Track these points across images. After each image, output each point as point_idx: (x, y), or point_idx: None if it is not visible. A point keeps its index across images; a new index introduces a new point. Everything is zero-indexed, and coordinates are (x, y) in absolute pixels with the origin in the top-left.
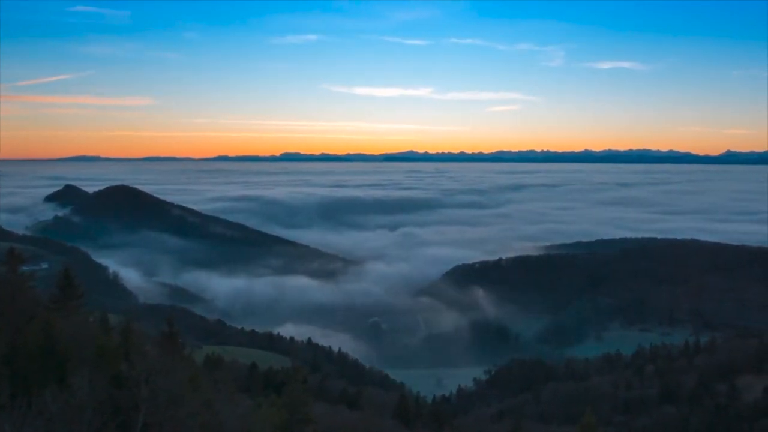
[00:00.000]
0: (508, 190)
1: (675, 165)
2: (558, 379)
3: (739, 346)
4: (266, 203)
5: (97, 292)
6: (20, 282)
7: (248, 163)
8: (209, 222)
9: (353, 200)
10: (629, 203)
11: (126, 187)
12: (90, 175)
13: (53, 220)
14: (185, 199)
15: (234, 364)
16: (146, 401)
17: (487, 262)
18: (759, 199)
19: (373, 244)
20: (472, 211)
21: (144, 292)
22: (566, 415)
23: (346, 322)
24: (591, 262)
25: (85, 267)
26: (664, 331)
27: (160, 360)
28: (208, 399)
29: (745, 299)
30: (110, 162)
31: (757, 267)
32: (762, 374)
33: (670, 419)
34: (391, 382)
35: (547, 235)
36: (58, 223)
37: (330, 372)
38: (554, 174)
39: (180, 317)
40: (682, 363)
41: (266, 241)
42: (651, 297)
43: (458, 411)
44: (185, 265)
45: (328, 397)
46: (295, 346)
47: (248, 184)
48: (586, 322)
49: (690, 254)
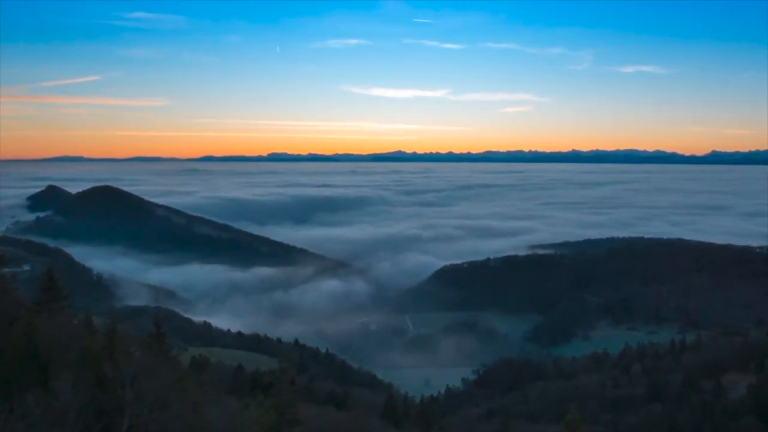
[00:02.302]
0: (459, 190)
1: (661, 165)
2: (546, 378)
3: (725, 344)
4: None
5: (81, 293)
6: (2, 284)
7: (236, 163)
8: (195, 222)
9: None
10: (552, 200)
11: (109, 187)
12: (72, 175)
13: (35, 221)
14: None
15: (220, 365)
16: (131, 404)
17: (475, 262)
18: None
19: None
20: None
21: (129, 293)
22: (554, 414)
23: (333, 322)
24: (578, 262)
25: (68, 268)
26: (650, 330)
27: (145, 362)
28: (194, 401)
29: (731, 298)
30: (93, 162)
31: (741, 266)
32: (747, 372)
33: (657, 417)
34: (379, 382)
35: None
36: (40, 224)
37: (317, 373)
38: (530, 174)
39: (166, 319)
40: (669, 361)
41: (254, 241)
42: (638, 296)
43: (446, 411)
44: (170, 266)
45: (315, 398)
46: (282, 347)
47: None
48: (573, 321)
49: (676, 254)
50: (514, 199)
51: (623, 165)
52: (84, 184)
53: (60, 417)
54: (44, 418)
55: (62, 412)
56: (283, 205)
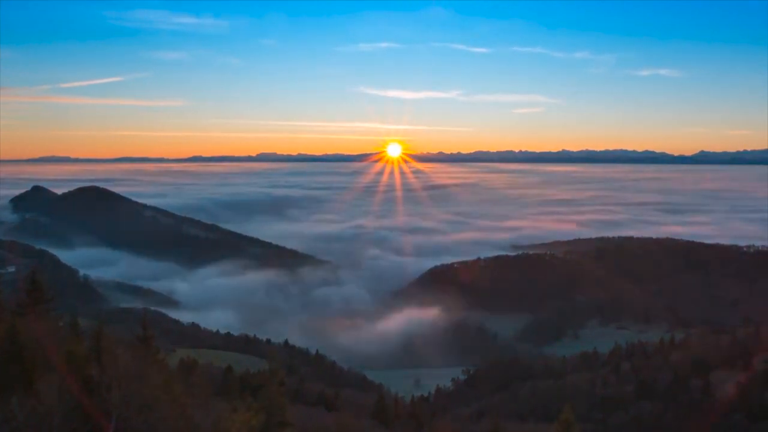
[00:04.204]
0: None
1: (649, 165)
2: (536, 377)
3: (713, 343)
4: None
5: (67, 295)
6: None
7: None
8: (183, 223)
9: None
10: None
11: (96, 188)
12: (60, 174)
13: (20, 222)
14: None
15: (209, 367)
16: (118, 407)
17: (465, 262)
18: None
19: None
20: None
21: (116, 295)
22: (544, 413)
23: (323, 322)
24: (568, 262)
25: (53, 270)
26: (640, 329)
27: (132, 364)
28: (182, 404)
29: (718, 296)
30: (79, 162)
31: (728, 265)
32: (735, 370)
33: (646, 415)
34: (369, 383)
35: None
36: (24, 225)
37: (307, 374)
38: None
39: (153, 320)
40: (658, 360)
41: (241, 241)
42: (627, 295)
43: (437, 411)
44: (157, 267)
45: (305, 399)
46: (271, 348)
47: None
48: (563, 320)
49: (664, 253)
50: (505, 198)
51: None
52: (71, 185)
53: (45, 421)
54: (28, 422)
55: (47, 416)
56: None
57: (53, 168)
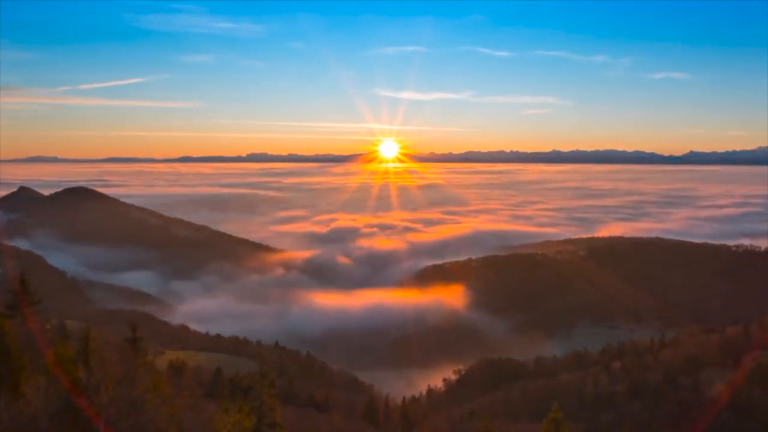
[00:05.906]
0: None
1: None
2: (527, 377)
3: (703, 342)
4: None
5: (55, 297)
6: None
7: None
8: (171, 224)
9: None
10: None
11: (83, 188)
12: (50, 174)
13: (6, 224)
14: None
15: (199, 369)
16: (106, 410)
17: (456, 262)
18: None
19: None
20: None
21: (104, 296)
22: (536, 413)
23: (315, 324)
24: (559, 262)
25: (41, 272)
26: (631, 328)
27: (120, 367)
28: (171, 406)
29: (709, 296)
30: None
31: (719, 264)
32: (725, 368)
33: (637, 414)
34: (359, 384)
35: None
36: (10, 227)
37: (297, 375)
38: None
39: (142, 322)
40: (649, 359)
41: (231, 242)
42: (618, 295)
43: (428, 411)
44: (147, 269)
45: (296, 400)
46: (261, 349)
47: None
48: (554, 320)
49: (655, 252)
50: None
51: (603, 165)
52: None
53: (31, 423)
54: (15, 425)
55: (34, 419)
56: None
57: (41, 168)
